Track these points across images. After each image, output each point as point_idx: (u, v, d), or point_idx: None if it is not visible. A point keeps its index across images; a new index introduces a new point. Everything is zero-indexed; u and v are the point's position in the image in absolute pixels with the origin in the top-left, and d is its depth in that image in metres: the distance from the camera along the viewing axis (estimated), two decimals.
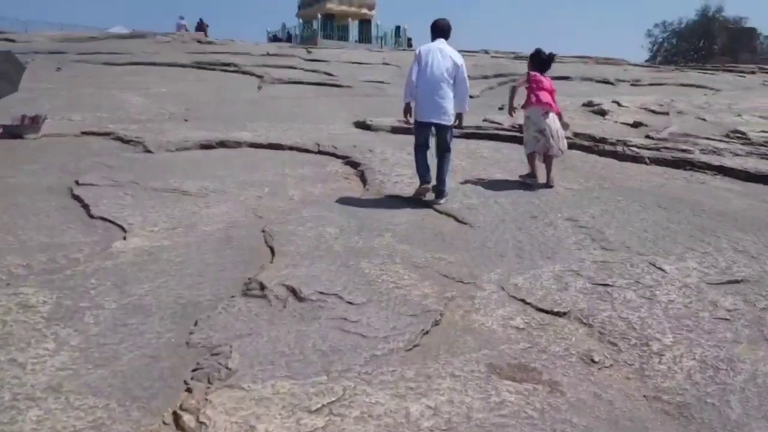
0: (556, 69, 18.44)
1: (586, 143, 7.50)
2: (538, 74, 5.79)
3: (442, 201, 5.12)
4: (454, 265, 3.83)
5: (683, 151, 6.92)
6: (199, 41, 21.98)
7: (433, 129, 5.17)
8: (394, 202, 5.17)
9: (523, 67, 18.92)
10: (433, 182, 5.16)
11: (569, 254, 4.10)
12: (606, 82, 16.44)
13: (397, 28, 38.05)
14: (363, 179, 5.96)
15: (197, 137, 7.35)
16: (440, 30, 5.29)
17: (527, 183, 5.72)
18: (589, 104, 10.60)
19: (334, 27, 36.62)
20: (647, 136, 7.60)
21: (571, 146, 7.50)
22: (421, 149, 5.19)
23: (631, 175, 6.35)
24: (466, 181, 5.80)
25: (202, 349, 2.68)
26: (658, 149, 7.05)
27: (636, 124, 8.38)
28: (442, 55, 5.11)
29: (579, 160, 6.96)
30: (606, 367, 2.75)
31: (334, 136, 7.98)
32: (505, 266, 3.85)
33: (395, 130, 8.41)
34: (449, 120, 5.14)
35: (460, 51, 5.32)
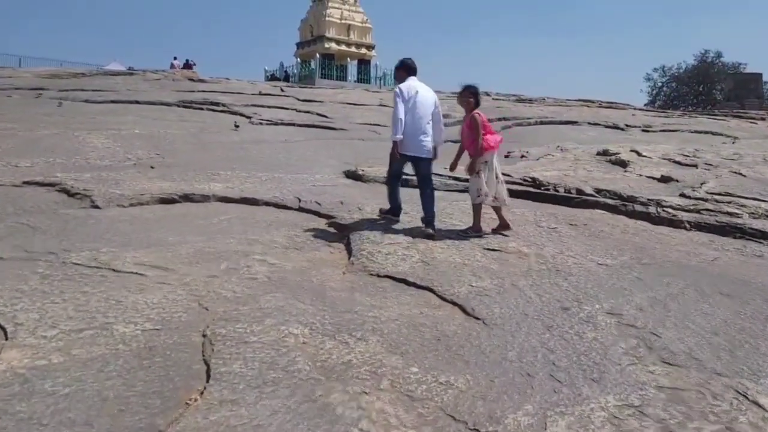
0: (561, 113, 17.72)
1: (611, 201, 6.43)
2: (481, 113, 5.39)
3: (432, 231, 5.15)
4: (464, 395, 2.70)
5: (729, 214, 5.86)
6: (191, 79, 21.18)
7: (410, 162, 5.45)
8: (384, 285, 4.06)
9: (527, 110, 18.23)
10: (422, 214, 5.33)
11: (622, 374, 2.98)
12: (615, 127, 15.55)
13: None
14: (348, 249, 4.86)
15: (158, 189, 6.27)
16: (412, 69, 5.54)
17: (470, 235, 5.21)
18: (605, 153, 9.62)
19: (333, 66, 36.21)
20: (682, 195, 6.55)
21: (594, 205, 6.47)
22: (396, 178, 5.56)
23: (672, 244, 5.26)
24: (474, 255, 4.69)
25: None
26: (698, 211, 5.98)
27: (664, 179, 7.35)
28: (422, 93, 5.39)
29: (606, 222, 5.87)
30: None
31: (320, 188, 6.92)
32: (538, 397, 2.72)
33: None
34: (431, 154, 5.44)
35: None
